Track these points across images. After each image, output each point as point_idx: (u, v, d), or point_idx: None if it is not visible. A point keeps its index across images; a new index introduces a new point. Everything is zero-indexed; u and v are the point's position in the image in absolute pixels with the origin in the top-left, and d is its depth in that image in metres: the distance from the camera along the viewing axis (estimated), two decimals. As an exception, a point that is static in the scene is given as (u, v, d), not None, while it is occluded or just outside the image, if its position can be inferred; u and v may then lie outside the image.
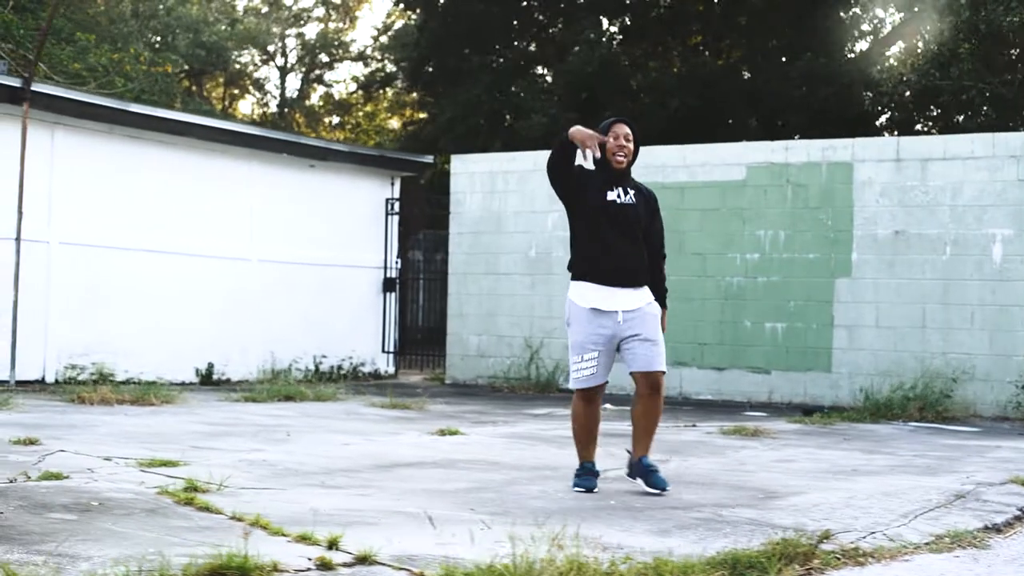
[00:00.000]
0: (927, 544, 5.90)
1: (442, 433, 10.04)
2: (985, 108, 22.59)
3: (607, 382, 7.17)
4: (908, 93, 25.70)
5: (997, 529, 6.40)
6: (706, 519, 6.23)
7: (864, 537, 5.92)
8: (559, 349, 15.86)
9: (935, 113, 24.67)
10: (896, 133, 28.91)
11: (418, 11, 32.68)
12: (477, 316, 16.64)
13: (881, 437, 10.91)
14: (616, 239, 7.10)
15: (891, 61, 27.54)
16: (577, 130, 7.00)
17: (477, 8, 28.86)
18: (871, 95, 27.06)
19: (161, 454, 7.87)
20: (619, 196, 7.15)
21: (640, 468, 7.16)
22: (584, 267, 7.16)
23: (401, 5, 34.92)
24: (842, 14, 29.25)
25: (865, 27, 30.35)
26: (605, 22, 30.77)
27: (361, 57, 44.08)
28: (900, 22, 28.92)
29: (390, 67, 41.21)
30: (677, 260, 15.10)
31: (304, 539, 5.18)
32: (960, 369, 13.33)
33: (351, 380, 16.23)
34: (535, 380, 15.83)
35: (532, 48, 32.02)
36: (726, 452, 9.38)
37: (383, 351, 17.52)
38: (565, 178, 7.23)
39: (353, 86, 44.46)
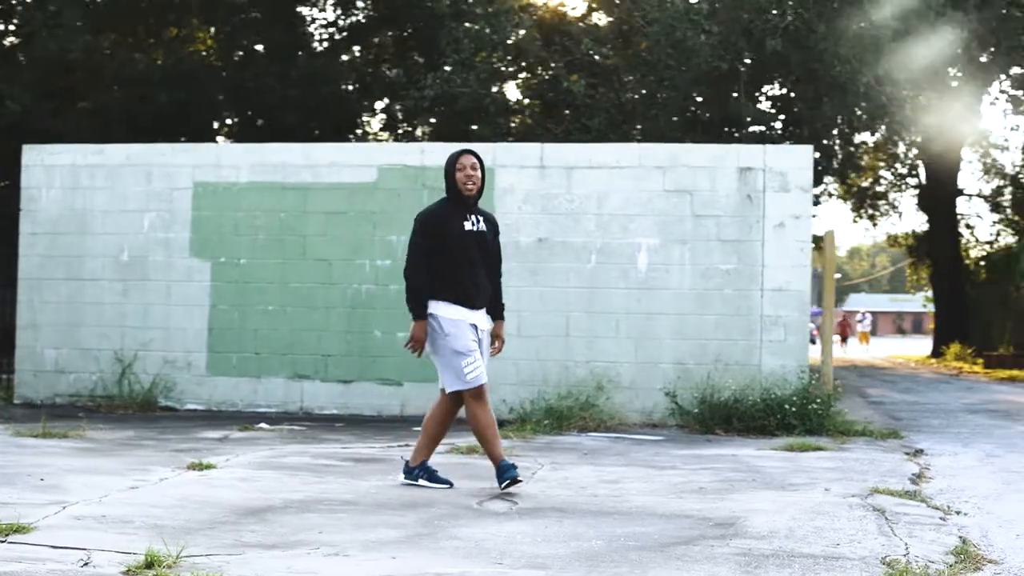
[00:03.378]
0: (956, 564, 5.87)
1: (199, 468, 8.75)
2: (500, 119, 23.33)
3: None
4: (398, 104, 26.14)
5: (964, 542, 6.49)
6: (741, 553, 5.82)
7: (908, 562, 5.79)
8: (157, 363, 14.39)
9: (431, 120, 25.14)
10: (390, 137, 29.25)
11: None
12: (55, 327, 14.69)
13: (613, 451, 10.79)
14: (474, 265, 7.93)
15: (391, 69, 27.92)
16: (416, 339, 7.88)
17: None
18: (355, 97, 27.43)
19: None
20: (473, 224, 7.98)
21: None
22: (450, 289, 7.88)
23: None
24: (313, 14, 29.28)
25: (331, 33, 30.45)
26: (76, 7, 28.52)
27: None
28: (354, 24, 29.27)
29: None
30: (299, 266, 14.24)
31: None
32: (606, 377, 13.47)
33: None
34: (131, 397, 14.19)
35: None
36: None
37: (-75, 368, 15.10)
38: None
39: None
